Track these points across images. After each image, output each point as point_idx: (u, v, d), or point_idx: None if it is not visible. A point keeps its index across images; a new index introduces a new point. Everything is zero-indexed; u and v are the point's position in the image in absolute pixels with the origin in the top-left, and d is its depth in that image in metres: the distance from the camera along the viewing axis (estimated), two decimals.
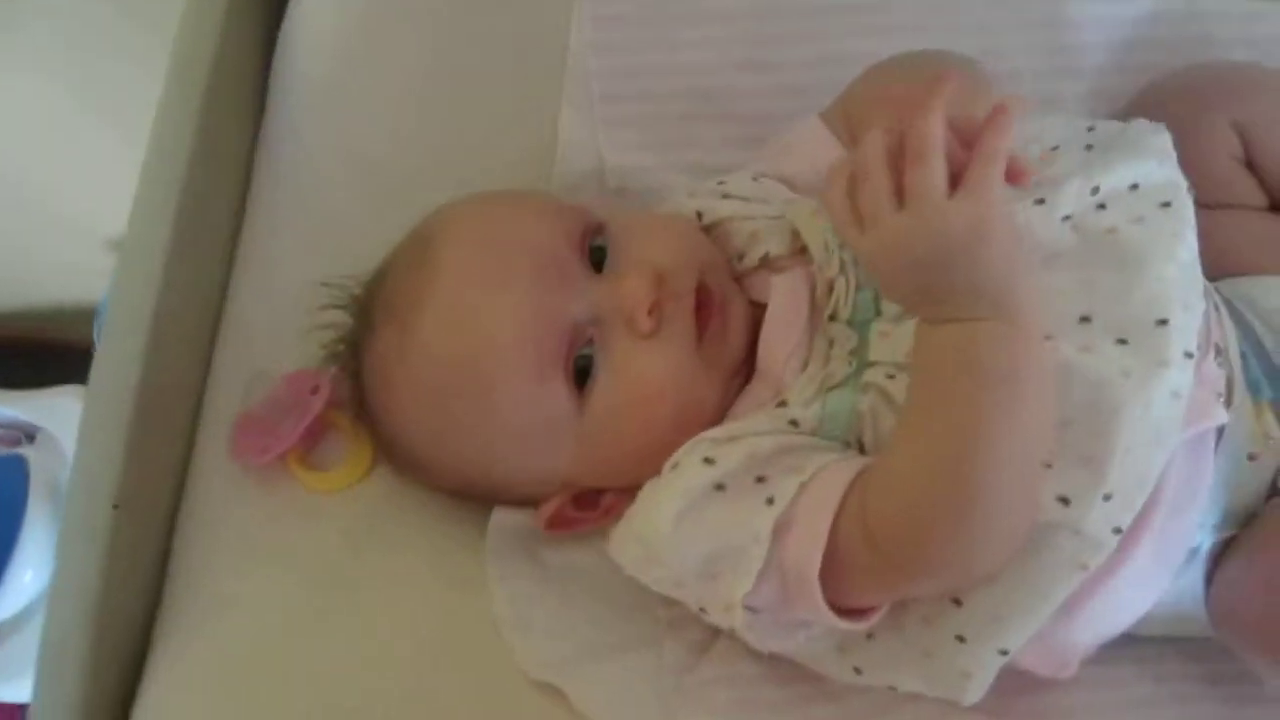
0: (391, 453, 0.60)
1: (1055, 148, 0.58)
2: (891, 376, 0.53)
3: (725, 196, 0.62)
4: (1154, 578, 0.54)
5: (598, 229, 0.57)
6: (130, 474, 0.58)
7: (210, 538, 0.63)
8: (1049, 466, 0.49)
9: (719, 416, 0.56)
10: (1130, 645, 0.57)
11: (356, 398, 0.60)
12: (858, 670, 0.55)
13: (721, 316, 0.56)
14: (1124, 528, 0.50)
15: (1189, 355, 0.51)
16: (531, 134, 0.70)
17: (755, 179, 0.63)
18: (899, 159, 0.46)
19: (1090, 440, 0.49)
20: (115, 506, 0.58)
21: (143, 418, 0.59)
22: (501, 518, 0.62)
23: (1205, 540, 0.55)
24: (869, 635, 0.54)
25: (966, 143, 0.47)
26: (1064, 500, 0.49)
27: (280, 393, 0.65)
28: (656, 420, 0.54)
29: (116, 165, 0.68)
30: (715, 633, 0.59)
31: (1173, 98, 0.65)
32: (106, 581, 0.57)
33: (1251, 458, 0.55)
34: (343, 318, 0.61)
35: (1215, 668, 0.59)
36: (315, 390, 0.66)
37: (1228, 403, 0.54)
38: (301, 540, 0.63)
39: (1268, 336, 0.57)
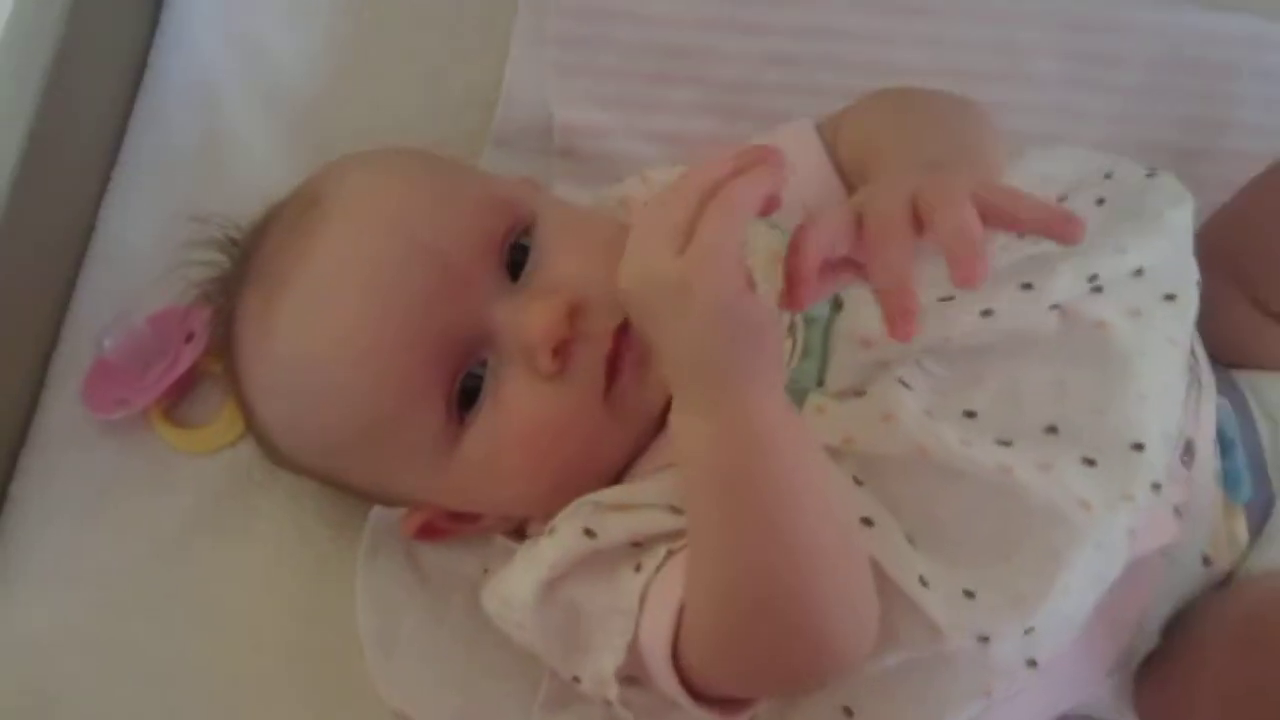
0: (249, 424, 0.55)
1: (1063, 198, 0.53)
2: None
3: None
4: (1067, 694, 0.51)
5: (525, 227, 0.51)
6: None
7: (50, 500, 0.58)
8: (971, 596, 0.45)
9: (624, 464, 0.51)
10: None
11: (225, 349, 0.54)
12: None
13: (637, 370, 0.49)
14: (1041, 661, 0.46)
15: (1156, 487, 0.46)
16: (476, 72, 0.65)
17: None
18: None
19: (1027, 578, 0.45)
20: None
21: None
22: (384, 510, 0.58)
23: (1142, 646, 0.52)
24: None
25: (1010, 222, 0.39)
26: (984, 639, 0.45)
27: (144, 335, 0.59)
28: (538, 467, 0.49)
29: None
30: None
31: None
32: None
33: (1207, 561, 0.51)
34: (219, 257, 0.56)
35: None
36: (190, 337, 0.60)
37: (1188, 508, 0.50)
38: (156, 508, 0.59)
39: (1265, 431, 0.54)
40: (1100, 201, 0.53)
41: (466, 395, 0.49)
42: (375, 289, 0.47)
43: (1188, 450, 0.50)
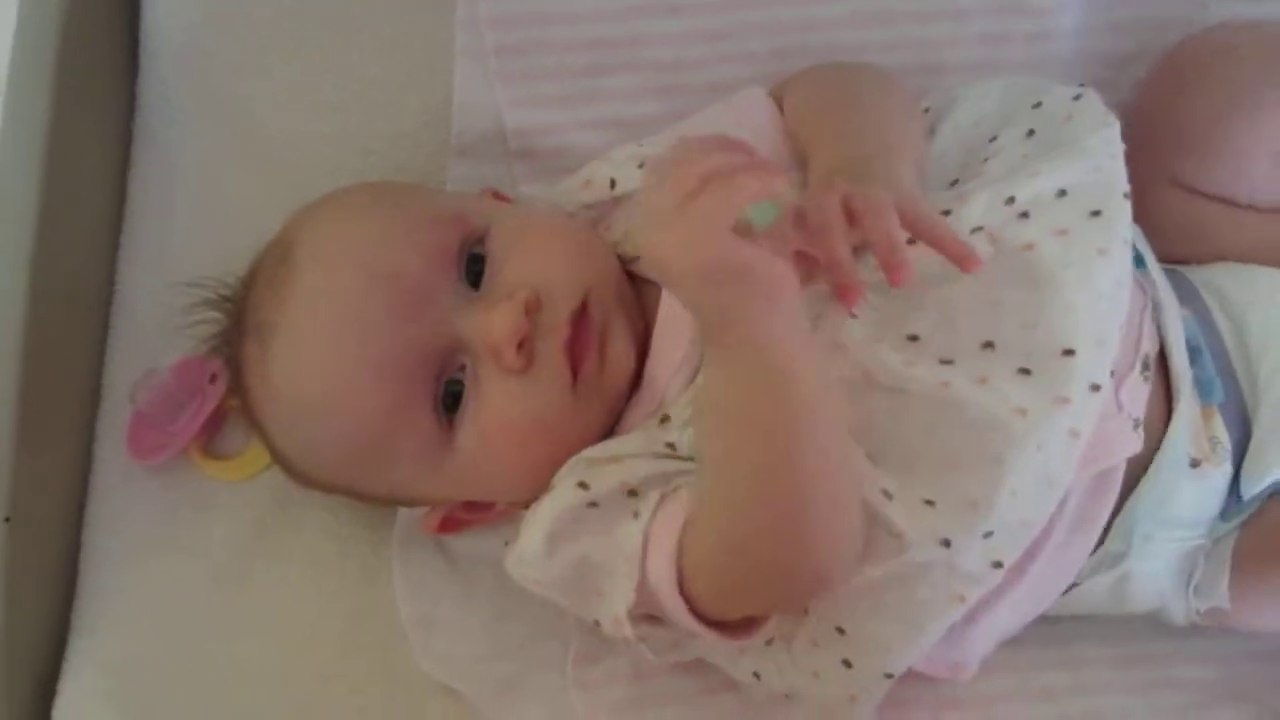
0: (271, 454, 0.62)
1: (994, 138, 0.57)
2: None
3: (641, 165, 0.61)
4: (1047, 594, 0.56)
5: (479, 238, 0.57)
6: (20, 484, 0.62)
7: (115, 537, 0.66)
8: (931, 505, 0.50)
9: (605, 432, 0.57)
10: (1039, 625, 0.59)
11: (239, 392, 0.62)
12: (756, 675, 0.58)
13: (599, 353, 0.55)
14: (1006, 562, 0.51)
15: (1095, 388, 0.50)
16: (428, 94, 0.70)
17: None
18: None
19: (975, 483, 0.50)
20: (6, 519, 0.61)
21: (29, 426, 0.62)
22: (409, 509, 0.65)
23: (1129, 547, 0.56)
24: (767, 641, 0.56)
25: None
26: (945, 543, 0.50)
27: (170, 385, 0.67)
28: (528, 454, 0.55)
29: None
30: None
31: (1220, 60, 0.61)
32: (9, 593, 0.61)
33: (1194, 464, 0.56)
34: (218, 314, 0.63)
35: (1126, 651, 0.62)
36: (214, 379, 0.68)
37: (1170, 410, 0.55)
38: (209, 534, 0.67)
39: (1228, 331, 0.57)
40: (1031, 133, 0.57)
41: (453, 399, 0.55)
42: (346, 322, 0.54)
43: (1146, 366, 0.55)
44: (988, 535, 0.50)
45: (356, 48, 0.69)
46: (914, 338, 0.52)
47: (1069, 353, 0.50)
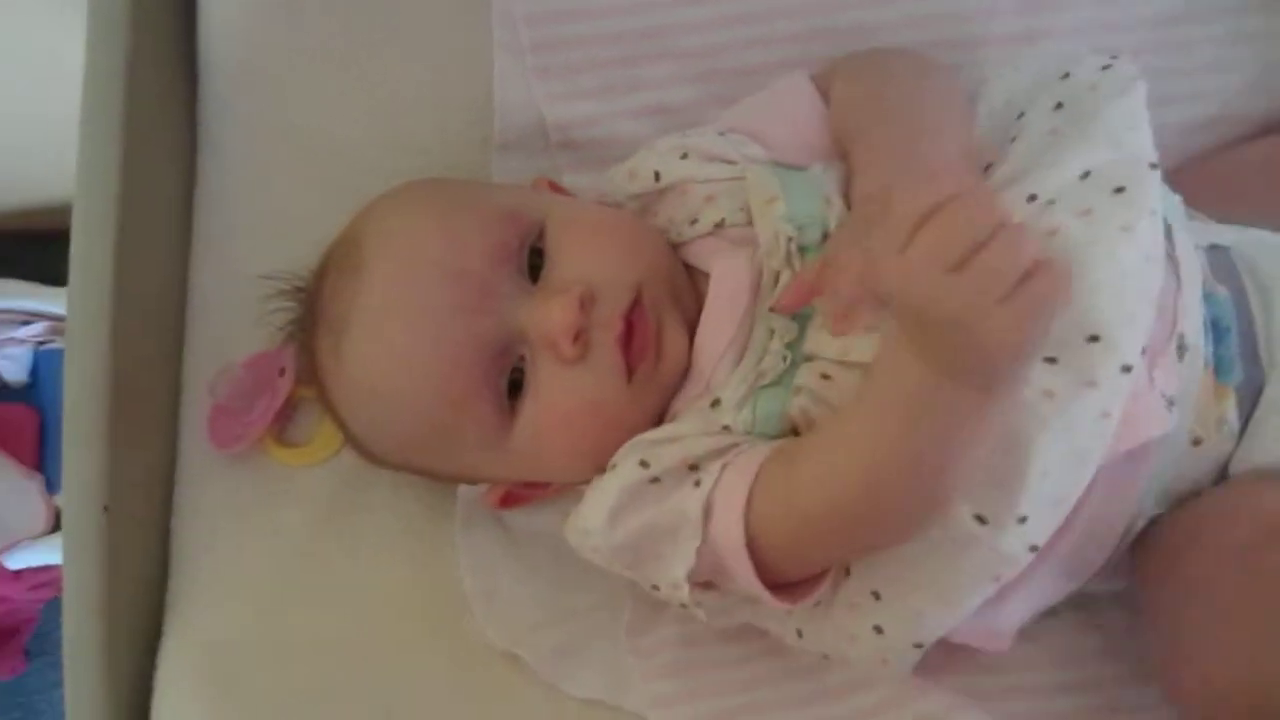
0: (345, 436, 0.67)
1: (1021, 115, 0.58)
2: (826, 377, 0.55)
3: (684, 156, 0.63)
4: (1078, 571, 0.58)
5: (538, 232, 0.60)
6: (116, 476, 0.67)
7: (202, 523, 0.72)
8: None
9: (657, 419, 0.60)
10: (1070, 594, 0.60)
11: (313, 379, 0.66)
12: (800, 633, 0.61)
13: (653, 349, 0.58)
14: (1040, 545, 0.53)
15: (1126, 369, 0.51)
16: (470, 93, 0.73)
17: (723, 134, 0.64)
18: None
19: (1005, 464, 0.51)
20: (105, 509, 0.66)
21: (120, 425, 0.67)
22: (469, 487, 0.69)
23: (1137, 523, 0.57)
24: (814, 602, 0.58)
25: None
26: (980, 519, 0.52)
27: (244, 379, 0.72)
28: (582, 440, 0.59)
29: None
30: None
31: None
32: (110, 577, 0.66)
33: (1196, 442, 0.56)
34: (292, 303, 0.67)
35: None
36: (282, 372, 0.72)
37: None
38: (286, 517, 0.72)
39: (1260, 315, 0.57)
40: (1058, 106, 0.58)
41: (516, 388, 0.59)
42: (415, 314, 0.58)
43: (1180, 344, 0.55)
44: (1022, 520, 0.52)
45: (399, 52, 0.73)
46: None
47: (1093, 339, 0.51)
